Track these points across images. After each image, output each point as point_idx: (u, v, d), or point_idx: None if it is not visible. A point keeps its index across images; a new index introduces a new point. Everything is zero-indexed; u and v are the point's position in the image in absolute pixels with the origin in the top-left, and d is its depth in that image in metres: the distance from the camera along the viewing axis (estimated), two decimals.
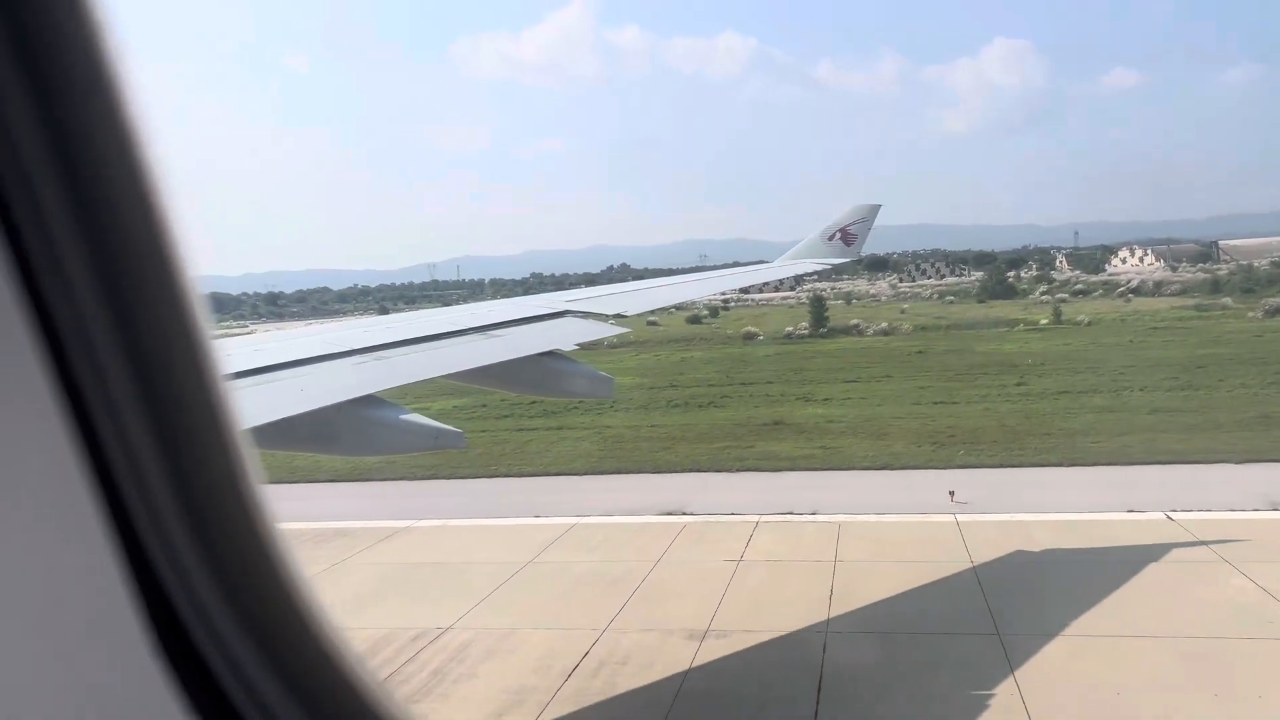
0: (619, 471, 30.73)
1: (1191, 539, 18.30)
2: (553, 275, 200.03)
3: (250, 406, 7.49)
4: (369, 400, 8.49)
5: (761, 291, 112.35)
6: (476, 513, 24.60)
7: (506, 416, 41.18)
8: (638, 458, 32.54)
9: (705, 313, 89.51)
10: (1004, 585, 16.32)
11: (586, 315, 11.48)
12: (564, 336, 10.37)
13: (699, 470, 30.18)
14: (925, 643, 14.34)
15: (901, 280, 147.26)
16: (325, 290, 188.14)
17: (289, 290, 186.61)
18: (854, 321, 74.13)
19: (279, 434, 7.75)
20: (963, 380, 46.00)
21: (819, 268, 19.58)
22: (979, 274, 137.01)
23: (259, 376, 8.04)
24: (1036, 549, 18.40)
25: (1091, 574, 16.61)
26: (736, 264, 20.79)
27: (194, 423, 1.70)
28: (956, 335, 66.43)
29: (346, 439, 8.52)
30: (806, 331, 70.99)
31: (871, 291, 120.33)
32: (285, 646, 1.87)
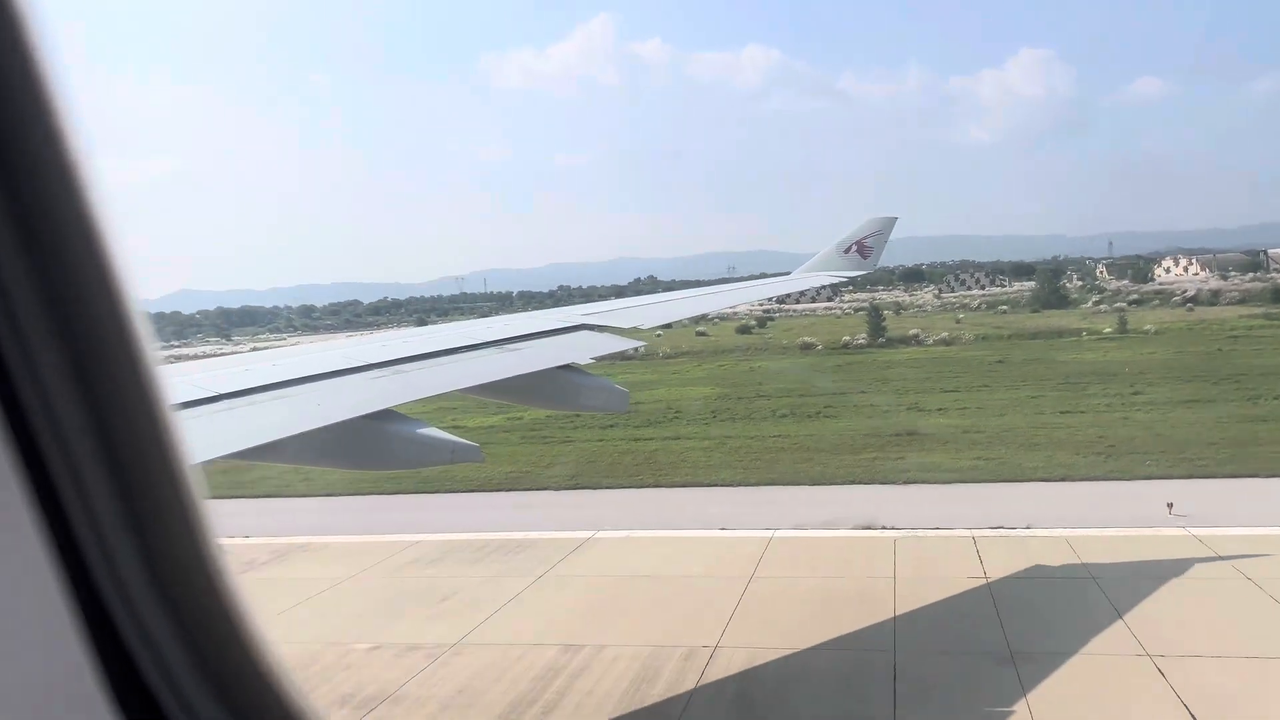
0: (770, 483, 29.36)
1: None
2: (580, 287, 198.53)
3: (267, 422, 7.73)
4: (387, 415, 8.61)
5: (799, 302, 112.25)
6: (648, 523, 23.67)
7: (611, 426, 41.04)
8: (781, 469, 31.21)
9: (753, 323, 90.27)
10: None
11: (602, 329, 11.33)
12: (580, 350, 10.28)
13: (858, 482, 28.75)
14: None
15: (941, 291, 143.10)
16: (357, 303, 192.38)
17: (317, 303, 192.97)
18: (913, 331, 72.73)
19: (296, 449, 7.97)
20: (1071, 389, 44.46)
21: (835, 280, 19.25)
22: (1019, 284, 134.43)
23: (276, 391, 8.23)
24: None
25: None
26: (764, 275, 20.53)
27: (134, 432, 1.73)
28: (1025, 345, 64.69)
29: (364, 453, 8.67)
30: (864, 341, 69.71)
31: (915, 302, 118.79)
32: (215, 652, 1.91)
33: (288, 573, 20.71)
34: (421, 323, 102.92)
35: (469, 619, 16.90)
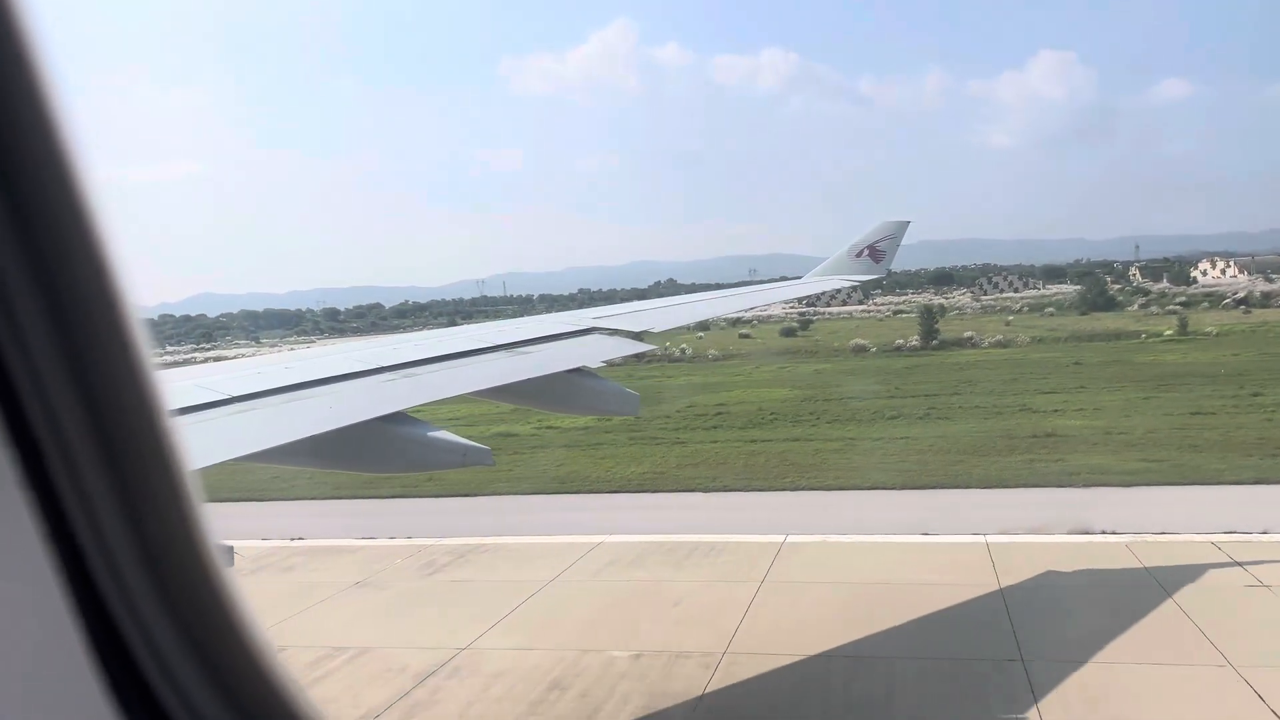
0: (934, 487, 27.58)
1: None
2: (600, 290, 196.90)
3: (279, 425, 7.86)
4: (397, 417, 8.65)
5: (829, 305, 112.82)
6: (828, 528, 21.82)
7: (715, 428, 40.52)
8: (935, 472, 29.52)
9: (795, 326, 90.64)
10: None
11: (613, 332, 11.14)
12: (591, 353, 10.12)
13: (1032, 485, 27.21)
14: None
15: (976, 294, 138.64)
16: (379, 306, 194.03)
17: (336, 306, 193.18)
18: (967, 334, 71.00)
19: (308, 451, 8.09)
20: (1177, 390, 42.96)
21: (846, 284, 18.60)
22: (1055, 287, 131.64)
23: (289, 394, 8.37)
24: None
25: None
26: (784, 278, 20.00)
27: (132, 433, 1.76)
28: (1090, 347, 62.87)
29: (375, 456, 8.74)
30: (918, 344, 68.01)
31: (952, 305, 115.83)
32: (217, 652, 1.95)
33: (485, 574, 19.64)
34: (452, 323, 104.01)
35: (723, 626, 15.44)
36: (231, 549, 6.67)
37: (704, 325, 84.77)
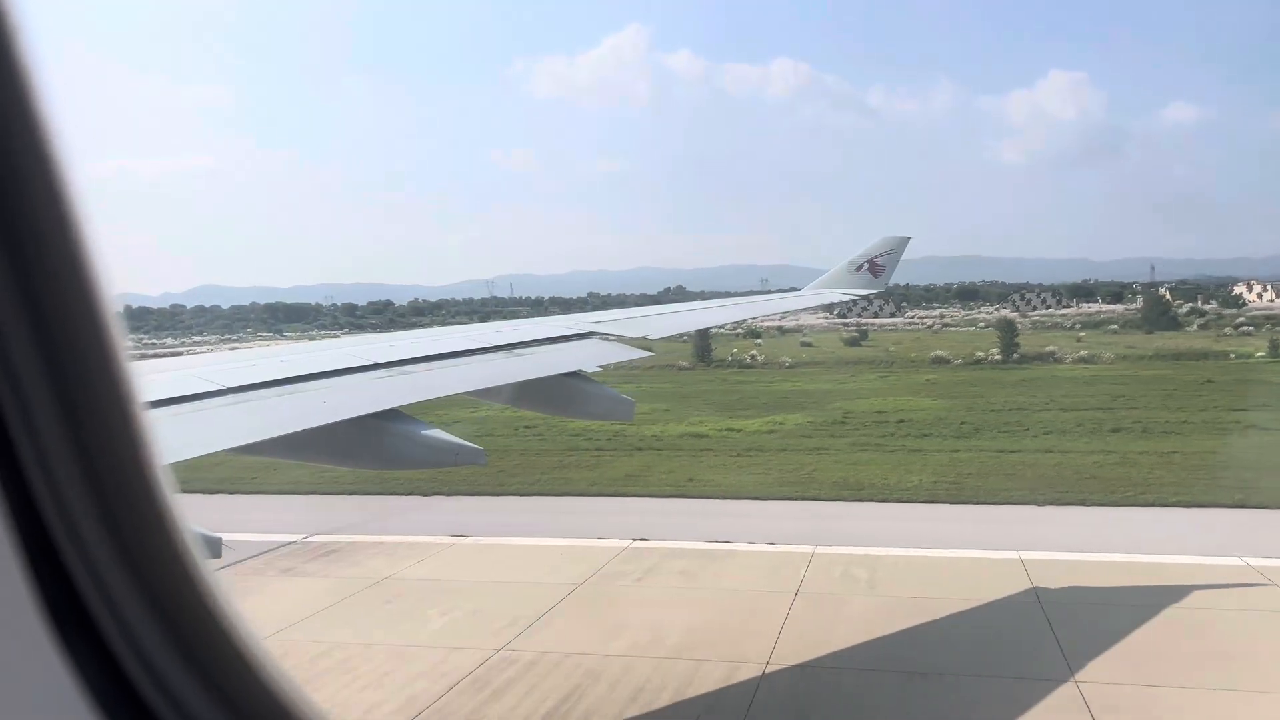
0: (1235, 506, 24.85)
1: None
2: (611, 295, 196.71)
3: (273, 418, 7.87)
4: (391, 414, 8.65)
5: (861, 316, 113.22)
6: (1092, 546, 20.43)
7: (960, 436, 37.80)
8: (1214, 489, 26.78)
9: (855, 334, 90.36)
10: None
11: (611, 338, 11.14)
12: (588, 357, 10.11)
13: None
14: None
15: (1021, 310, 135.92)
16: (390, 304, 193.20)
17: (339, 301, 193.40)
18: (1049, 349, 69.67)
19: (301, 445, 8.09)
20: None
21: (845, 298, 18.72)
22: (1087, 305, 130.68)
23: (283, 388, 8.38)
24: None
25: None
26: (794, 289, 19.97)
27: (109, 428, 1.74)
28: (1184, 366, 60.48)
29: (367, 452, 8.74)
30: (999, 358, 66.90)
31: (990, 319, 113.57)
32: (202, 648, 1.90)
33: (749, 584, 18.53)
34: (486, 320, 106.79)
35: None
36: (221, 540, 6.67)
37: (744, 327, 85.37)
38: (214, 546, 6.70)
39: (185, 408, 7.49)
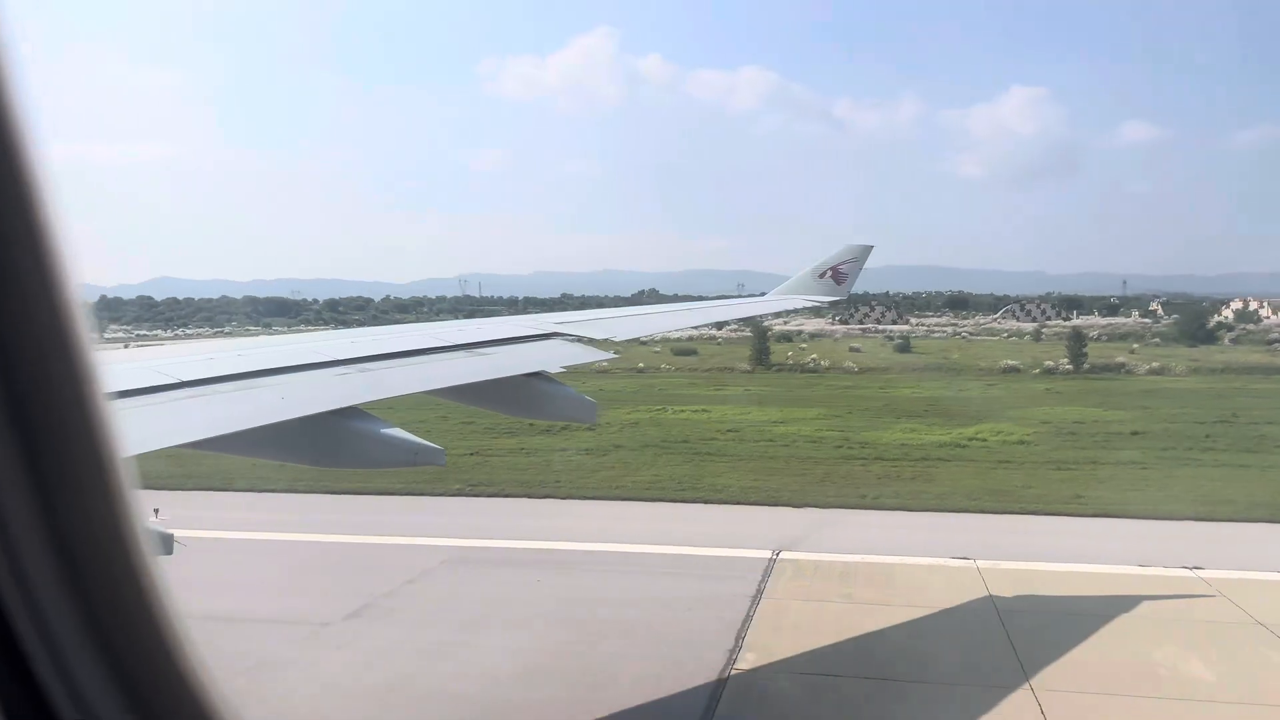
0: None
1: None
2: (580, 296, 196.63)
3: (228, 413, 7.70)
4: (350, 412, 8.52)
5: (862, 323, 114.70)
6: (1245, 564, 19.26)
7: (1129, 448, 35.38)
8: None
9: (899, 340, 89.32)
10: None
11: (574, 339, 11.09)
12: (551, 358, 10.04)
13: None
14: None
15: (1036, 321, 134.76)
16: (370, 301, 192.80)
17: (304, 296, 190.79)
18: (1119, 359, 67.61)
19: (256, 441, 7.92)
20: None
21: (809, 304, 19.00)
22: (1084, 318, 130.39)
23: (240, 382, 8.22)
24: None
25: None
26: (763, 294, 20.41)
27: (58, 414, 1.65)
28: (1269, 379, 57.79)
29: (323, 450, 8.59)
30: (1070, 368, 64.08)
31: (1001, 328, 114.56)
32: (127, 650, 1.80)
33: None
34: (471, 316, 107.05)
35: None
36: (173, 536, 6.50)
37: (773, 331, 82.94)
38: (166, 543, 6.57)
39: (136, 401, 7.31)
